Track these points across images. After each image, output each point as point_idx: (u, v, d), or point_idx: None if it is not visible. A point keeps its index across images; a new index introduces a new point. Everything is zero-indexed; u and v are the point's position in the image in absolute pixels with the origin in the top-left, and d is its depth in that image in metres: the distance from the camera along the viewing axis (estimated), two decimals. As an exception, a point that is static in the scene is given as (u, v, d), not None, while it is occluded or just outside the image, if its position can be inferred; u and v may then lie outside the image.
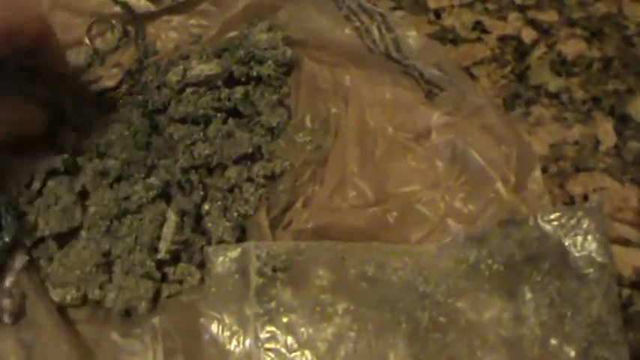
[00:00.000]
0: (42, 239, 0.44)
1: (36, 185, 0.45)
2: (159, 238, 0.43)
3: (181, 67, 0.52)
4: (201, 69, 0.51)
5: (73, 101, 0.50)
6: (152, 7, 0.59)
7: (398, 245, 0.44)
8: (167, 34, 0.58)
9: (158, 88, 0.52)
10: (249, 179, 0.47)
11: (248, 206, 0.46)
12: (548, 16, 0.60)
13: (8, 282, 0.42)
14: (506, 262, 0.41)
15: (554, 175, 0.50)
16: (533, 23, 0.60)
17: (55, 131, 0.49)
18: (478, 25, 0.60)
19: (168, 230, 0.43)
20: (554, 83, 0.55)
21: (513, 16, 0.60)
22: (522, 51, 0.58)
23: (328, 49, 0.54)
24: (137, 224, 0.44)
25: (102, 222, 0.45)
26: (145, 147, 0.48)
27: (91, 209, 0.45)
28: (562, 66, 0.56)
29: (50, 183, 0.46)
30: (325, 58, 0.54)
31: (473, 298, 0.40)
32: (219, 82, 0.51)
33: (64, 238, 0.45)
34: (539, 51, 0.57)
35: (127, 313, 0.43)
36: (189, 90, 0.51)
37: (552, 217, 0.43)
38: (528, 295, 0.41)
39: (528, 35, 0.59)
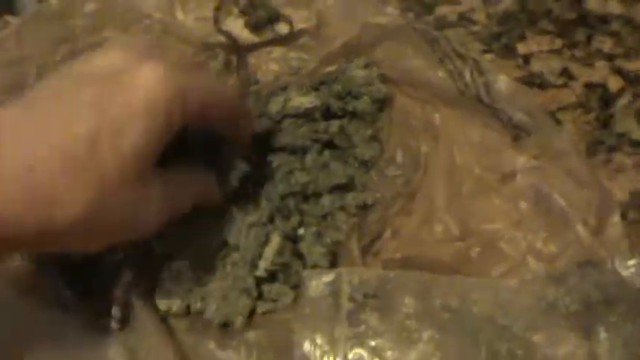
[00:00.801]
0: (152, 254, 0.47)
1: None
2: (260, 256, 0.46)
3: (281, 98, 0.54)
4: (301, 101, 0.54)
5: None
6: (255, 39, 0.62)
7: (480, 279, 0.46)
8: (267, 65, 0.61)
9: (259, 117, 0.54)
10: (342, 208, 0.50)
11: (340, 234, 0.49)
12: (636, 66, 0.61)
13: (118, 292, 0.45)
14: (583, 302, 0.43)
15: (632, 222, 0.51)
16: (620, 72, 0.61)
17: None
18: (565, 72, 0.61)
19: (270, 250, 0.46)
20: (637, 132, 0.56)
21: (600, 64, 0.62)
22: (607, 98, 0.59)
23: (421, 88, 0.56)
24: (244, 242, 0.46)
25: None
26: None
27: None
28: (646, 116, 0.58)
29: None
30: (417, 96, 0.56)
31: (549, 333, 0.42)
32: (317, 115, 0.54)
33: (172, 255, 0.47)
34: (625, 99, 0.59)
35: (225, 326, 0.45)
36: (288, 120, 0.54)
37: (630, 263, 0.44)
38: (603, 335, 0.42)
39: (614, 83, 0.60)
